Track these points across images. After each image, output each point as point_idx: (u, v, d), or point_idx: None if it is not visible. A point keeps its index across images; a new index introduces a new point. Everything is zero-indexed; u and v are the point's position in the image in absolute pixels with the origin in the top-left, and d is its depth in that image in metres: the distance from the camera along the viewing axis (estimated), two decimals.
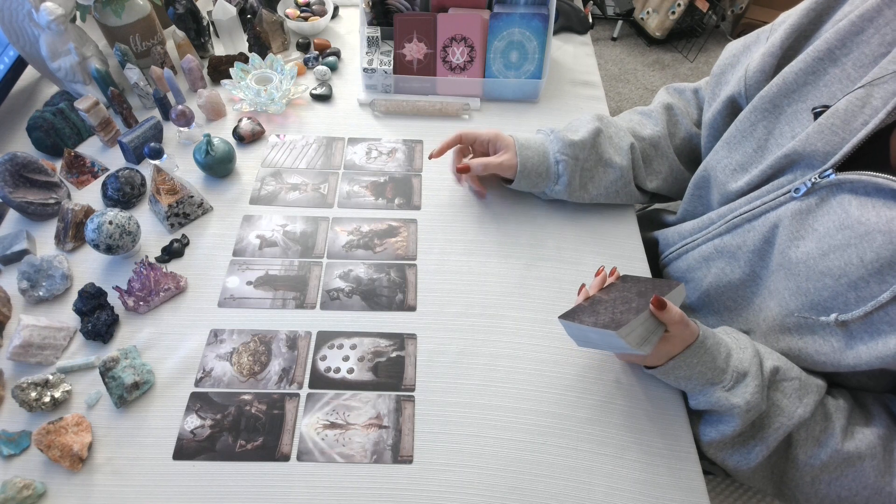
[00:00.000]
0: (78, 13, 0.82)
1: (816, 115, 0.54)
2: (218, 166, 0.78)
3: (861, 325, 0.49)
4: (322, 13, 1.03)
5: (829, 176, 0.52)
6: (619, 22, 2.57)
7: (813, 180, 0.53)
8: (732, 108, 0.67)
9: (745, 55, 0.66)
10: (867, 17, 0.52)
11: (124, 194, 0.74)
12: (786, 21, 0.60)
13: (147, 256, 0.68)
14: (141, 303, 0.65)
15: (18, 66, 0.88)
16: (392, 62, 0.90)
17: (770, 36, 0.62)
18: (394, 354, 0.64)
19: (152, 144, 0.76)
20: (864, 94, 0.50)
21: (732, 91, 0.65)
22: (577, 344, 0.57)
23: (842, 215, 0.50)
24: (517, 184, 0.73)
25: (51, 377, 0.58)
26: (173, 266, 0.70)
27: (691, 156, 0.78)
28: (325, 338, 0.65)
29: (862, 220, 0.49)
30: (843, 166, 0.52)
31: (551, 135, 0.74)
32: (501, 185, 0.80)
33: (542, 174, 0.72)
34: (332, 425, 0.58)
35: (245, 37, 0.98)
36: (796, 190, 0.54)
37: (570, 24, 1.08)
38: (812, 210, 0.53)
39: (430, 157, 0.76)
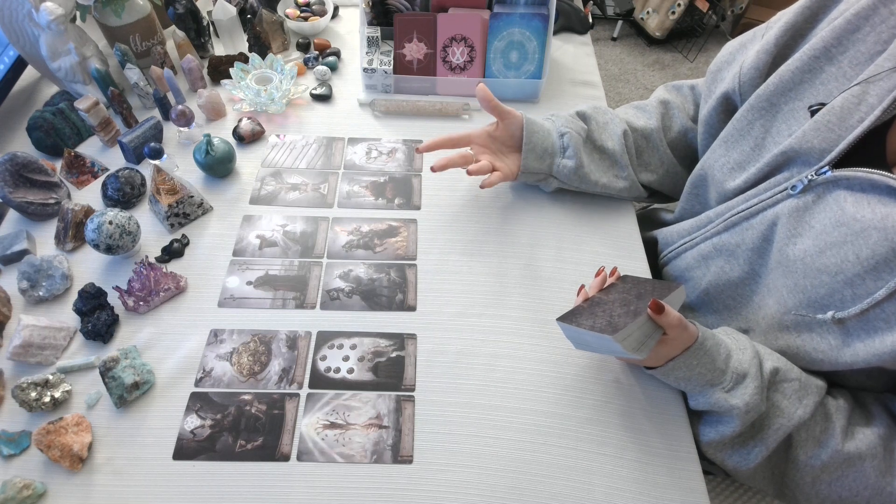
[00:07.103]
0: (78, 13, 0.82)
1: (813, 113, 0.54)
2: (218, 166, 0.78)
3: (857, 322, 0.49)
4: (322, 13, 1.03)
5: (825, 173, 0.52)
6: (619, 22, 2.57)
7: (809, 177, 0.53)
8: (727, 105, 0.67)
9: (740, 52, 0.67)
10: (863, 15, 0.52)
11: (124, 194, 0.74)
12: (781, 19, 0.60)
13: (147, 256, 0.68)
14: (141, 303, 0.65)
15: (18, 66, 0.88)
16: (392, 62, 0.90)
17: (765, 33, 0.63)
18: (394, 354, 0.64)
19: (152, 144, 0.76)
20: (859, 91, 0.50)
21: (727, 88, 0.65)
22: (575, 347, 0.57)
23: (838, 212, 0.50)
24: (525, 157, 0.71)
25: (51, 377, 0.58)
26: (173, 266, 0.70)
27: (686, 151, 0.78)
28: (325, 338, 0.65)
29: (857, 217, 0.49)
30: (839, 163, 0.52)
31: (551, 117, 0.75)
32: (501, 184, 0.80)
33: (547, 149, 0.72)
34: (332, 425, 0.58)
35: (245, 37, 0.98)
36: (793, 187, 0.54)
37: (570, 24, 1.08)
38: (809, 207, 0.53)
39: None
